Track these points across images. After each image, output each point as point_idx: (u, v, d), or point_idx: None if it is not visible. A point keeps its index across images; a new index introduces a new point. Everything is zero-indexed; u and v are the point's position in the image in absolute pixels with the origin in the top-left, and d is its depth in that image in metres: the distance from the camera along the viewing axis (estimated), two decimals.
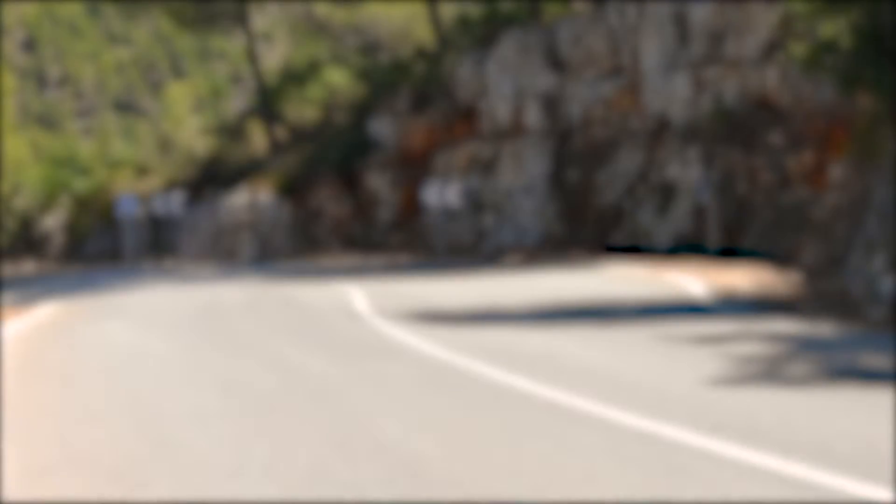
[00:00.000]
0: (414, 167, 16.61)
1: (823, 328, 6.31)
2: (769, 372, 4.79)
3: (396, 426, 3.83)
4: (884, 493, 2.76)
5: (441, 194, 15.06)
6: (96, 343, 6.67)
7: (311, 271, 13.37)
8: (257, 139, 19.52)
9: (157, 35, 71.89)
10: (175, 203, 17.66)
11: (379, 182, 16.90)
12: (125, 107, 68.85)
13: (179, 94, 23.50)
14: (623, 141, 14.26)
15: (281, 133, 19.12)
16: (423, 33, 18.98)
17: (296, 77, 20.75)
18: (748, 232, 11.55)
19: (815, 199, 10.49)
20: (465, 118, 16.36)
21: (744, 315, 7.00)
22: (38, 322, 8.18)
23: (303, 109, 19.05)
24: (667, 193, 13.20)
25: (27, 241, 20.64)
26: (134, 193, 18.72)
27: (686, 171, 13.02)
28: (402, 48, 19.01)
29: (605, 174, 14.30)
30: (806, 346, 5.61)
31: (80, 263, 19.32)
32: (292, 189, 17.38)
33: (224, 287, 11.61)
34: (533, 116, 15.25)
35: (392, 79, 16.83)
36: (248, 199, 17.88)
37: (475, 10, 17.46)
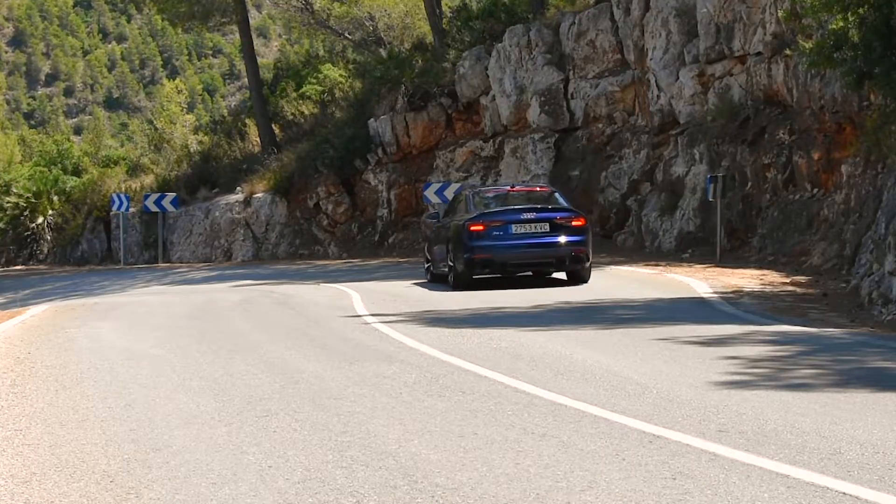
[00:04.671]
0: (414, 165, 16.51)
1: (832, 330, 6.24)
2: (776, 375, 4.73)
3: (395, 430, 3.78)
4: (893, 501, 2.71)
5: (441, 193, 14.96)
6: (88, 345, 6.60)
7: (308, 271, 13.31)
8: (253, 137, 19.41)
9: (150, 31, 71.77)
10: (169, 202, 17.54)
11: (377, 180, 16.81)
12: (117, 104, 68.67)
13: (173, 91, 23.37)
14: (627, 138, 14.16)
15: (277, 130, 18.99)
16: (423, 28, 18.87)
17: (292, 73, 20.64)
18: (755, 231, 11.45)
19: (824, 197, 10.37)
20: (466, 115, 16.27)
21: (750, 316, 6.92)
22: (29, 323, 8.09)
23: (299, 106, 18.93)
24: (672, 192, 13.08)
25: (17, 241, 20.50)
26: (126, 192, 18.61)
27: (692, 168, 12.88)
28: (402, 43, 18.90)
29: (610, 172, 14.15)
30: (814, 348, 5.53)
31: (71, 263, 19.22)
32: (289, 187, 17.30)
33: (219, 287, 11.53)
34: (535, 113, 15.09)
35: (391, 75, 16.71)
36: (244, 198, 17.78)
37: (476, 5, 17.35)
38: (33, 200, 20.55)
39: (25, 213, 20.56)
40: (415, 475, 3.14)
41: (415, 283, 9.90)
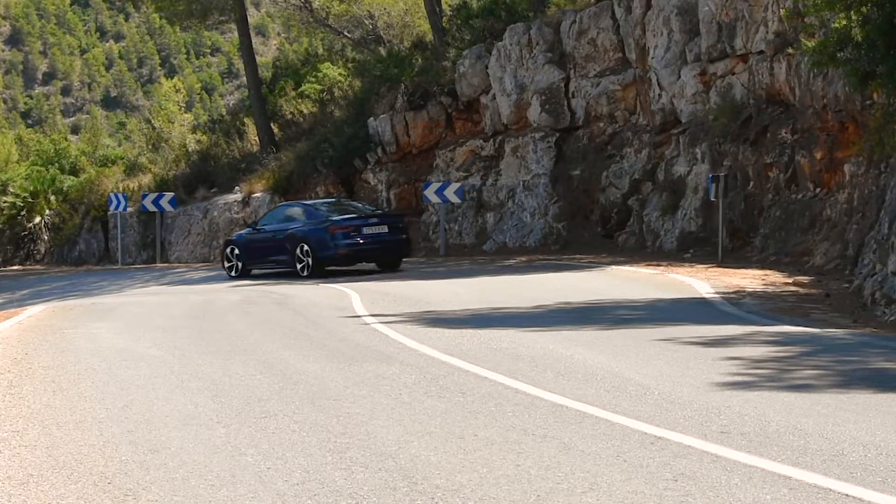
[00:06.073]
0: (413, 165, 16.45)
1: (835, 330, 6.21)
2: (778, 376, 4.71)
3: (395, 431, 3.75)
4: None
5: (441, 192, 14.90)
6: (86, 346, 6.58)
7: None
8: (251, 136, 19.33)
9: (148, 29, 71.53)
10: (167, 202, 17.45)
11: (377, 180, 16.74)
12: (115, 103, 68.44)
13: (171, 90, 23.23)
14: (629, 137, 14.11)
15: (276, 130, 18.91)
16: (423, 26, 18.79)
17: (291, 72, 20.54)
18: (757, 231, 11.40)
19: (827, 197, 10.34)
20: (466, 114, 16.19)
21: (752, 316, 6.90)
22: (26, 324, 8.06)
23: (298, 105, 18.85)
24: (674, 191, 13.03)
25: (14, 241, 20.40)
26: (124, 192, 18.52)
27: (694, 168, 12.84)
28: (402, 42, 18.82)
29: (611, 171, 14.12)
30: (816, 348, 5.51)
31: (68, 263, 19.15)
32: (288, 187, 17.21)
33: (218, 287, 11.49)
34: (536, 112, 15.06)
35: (391, 74, 16.64)
36: (242, 198, 17.70)
37: (476, 4, 17.26)
38: (30, 200, 20.43)
39: (22, 213, 20.45)
40: (414, 477, 3.13)
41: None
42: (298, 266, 11.84)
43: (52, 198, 20.48)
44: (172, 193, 17.81)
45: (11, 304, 10.92)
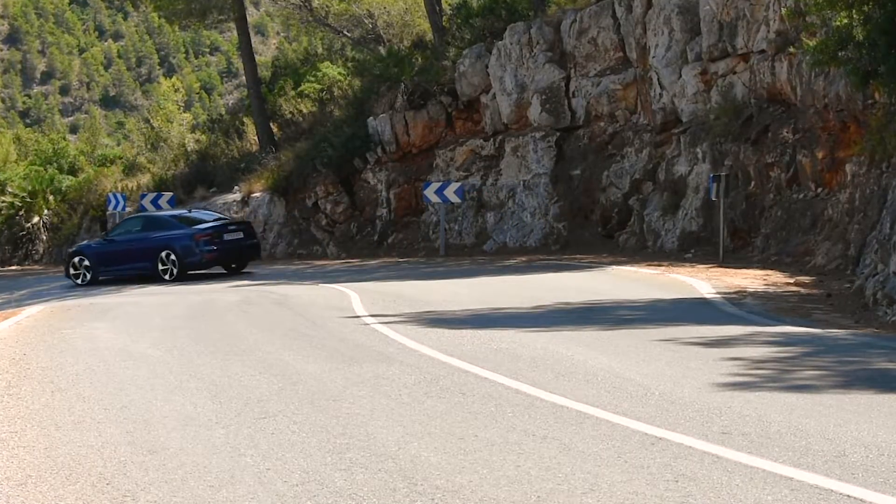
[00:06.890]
0: (413, 164, 16.43)
1: (836, 331, 6.20)
2: (780, 376, 4.70)
3: (394, 432, 3.74)
4: None
5: (441, 192, 14.88)
6: (84, 346, 6.57)
7: (306, 271, 13.27)
8: (251, 135, 19.30)
9: (147, 28, 71.47)
10: (166, 202, 17.42)
11: (377, 179, 16.72)
12: (114, 102, 68.37)
13: (170, 89, 23.17)
14: (629, 137, 14.09)
15: (275, 129, 18.89)
16: (423, 25, 18.76)
17: (290, 71, 20.52)
18: (758, 231, 11.38)
19: (828, 197, 10.32)
20: (466, 114, 16.18)
21: (753, 317, 6.89)
22: (25, 324, 8.05)
23: (298, 105, 18.83)
24: (674, 191, 13.01)
25: (12, 241, 20.36)
26: (123, 192, 18.48)
27: (694, 168, 12.82)
28: (401, 41, 18.79)
29: (611, 171, 14.10)
30: (818, 349, 5.50)
31: None
32: (287, 187, 17.19)
33: (217, 287, 11.48)
34: (536, 112, 15.04)
35: (390, 73, 16.62)
36: (242, 198, 17.69)
37: (477, 3, 17.23)
38: (29, 200, 20.40)
39: (21, 213, 20.41)
40: (414, 477, 3.13)
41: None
42: (162, 272, 12.83)
43: (51, 197, 20.44)
44: (171, 193, 17.76)
45: (10, 304, 10.90)
